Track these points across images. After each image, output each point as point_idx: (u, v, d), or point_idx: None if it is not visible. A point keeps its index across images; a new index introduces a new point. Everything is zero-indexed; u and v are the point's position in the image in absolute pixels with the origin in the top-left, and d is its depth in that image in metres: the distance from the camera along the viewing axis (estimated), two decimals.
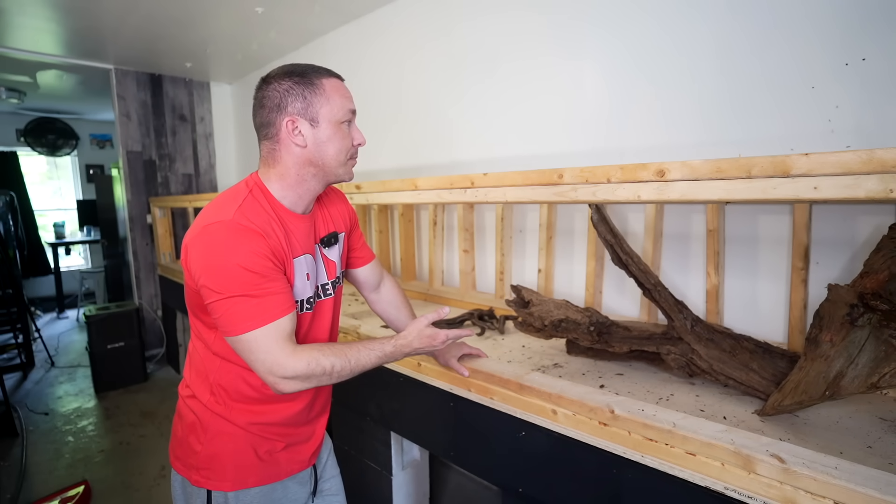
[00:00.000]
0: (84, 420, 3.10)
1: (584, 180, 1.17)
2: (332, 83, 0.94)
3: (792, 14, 1.31)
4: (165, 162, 4.03)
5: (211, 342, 0.96)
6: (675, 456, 0.88)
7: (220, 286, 0.82)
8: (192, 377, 1.02)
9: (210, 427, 0.98)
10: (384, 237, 2.55)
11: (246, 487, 0.99)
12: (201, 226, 0.86)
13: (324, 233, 1.05)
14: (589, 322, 1.26)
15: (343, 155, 0.96)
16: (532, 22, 1.92)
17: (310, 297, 0.99)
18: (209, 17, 2.76)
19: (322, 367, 0.86)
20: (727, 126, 1.45)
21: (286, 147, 0.93)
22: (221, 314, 0.83)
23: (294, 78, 0.92)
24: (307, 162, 0.94)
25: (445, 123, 2.33)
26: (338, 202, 1.15)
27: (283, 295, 0.87)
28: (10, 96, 4.41)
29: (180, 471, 1.01)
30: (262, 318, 0.83)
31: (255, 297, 0.83)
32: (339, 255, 1.11)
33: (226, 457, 0.98)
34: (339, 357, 0.88)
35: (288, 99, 0.91)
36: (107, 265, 5.24)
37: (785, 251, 1.36)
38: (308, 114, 0.92)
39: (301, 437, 1.06)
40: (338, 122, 0.94)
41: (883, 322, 0.86)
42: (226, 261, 0.82)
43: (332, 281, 1.07)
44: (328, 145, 0.94)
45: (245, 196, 0.90)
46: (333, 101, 0.93)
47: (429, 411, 1.40)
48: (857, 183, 0.79)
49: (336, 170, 0.97)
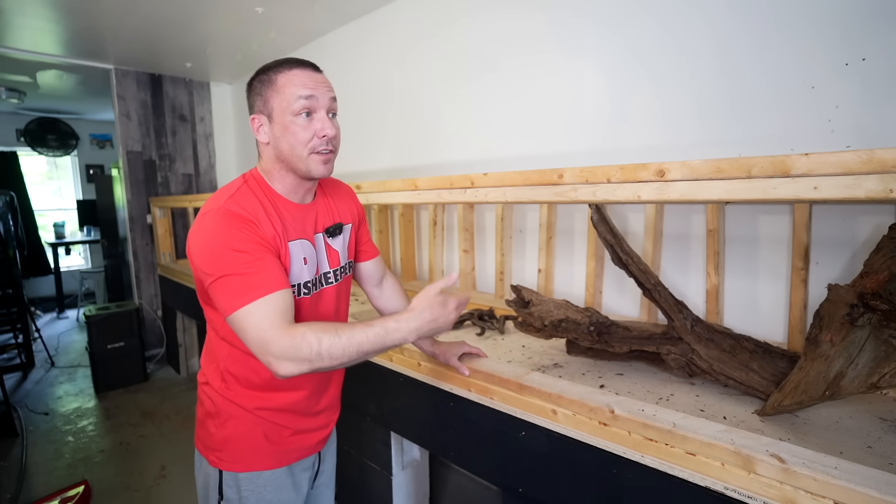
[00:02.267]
0: (84, 420, 3.10)
1: (584, 180, 1.17)
2: (287, 75, 0.91)
3: (792, 14, 1.31)
4: (165, 162, 4.03)
5: (219, 327, 0.99)
6: (675, 456, 0.88)
7: (213, 268, 0.85)
8: (206, 365, 1.06)
9: (223, 411, 1.02)
10: (384, 237, 2.55)
11: (256, 470, 1.02)
12: (199, 216, 0.90)
13: (329, 223, 1.06)
14: (589, 322, 1.26)
15: (300, 148, 0.91)
16: (532, 20, 1.92)
17: (307, 281, 0.99)
18: (209, 18, 2.76)
19: (309, 342, 0.79)
20: (727, 126, 1.45)
21: (260, 144, 0.97)
22: (216, 295, 0.85)
23: (259, 75, 0.94)
24: (274, 157, 0.95)
25: (445, 123, 2.33)
26: (345, 196, 1.16)
27: (272, 272, 0.86)
28: (10, 96, 4.41)
29: (201, 451, 1.07)
30: (251, 293, 0.83)
31: (244, 273, 0.84)
32: (345, 245, 1.11)
33: (238, 440, 1.01)
34: (328, 333, 0.81)
35: (252, 98, 0.95)
36: (107, 265, 5.24)
37: (785, 251, 1.36)
38: (266, 110, 0.93)
39: (309, 427, 1.08)
40: (291, 113, 0.90)
41: (883, 322, 0.86)
42: (216, 243, 0.85)
43: (335, 269, 1.08)
44: (282, 140, 0.92)
45: (239, 186, 0.94)
46: (284, 93, 0.90)
47: (429, 411, 1.40)
48: (857, 183, 0.79)
49: (297, 164, 0.93)
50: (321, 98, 0.93)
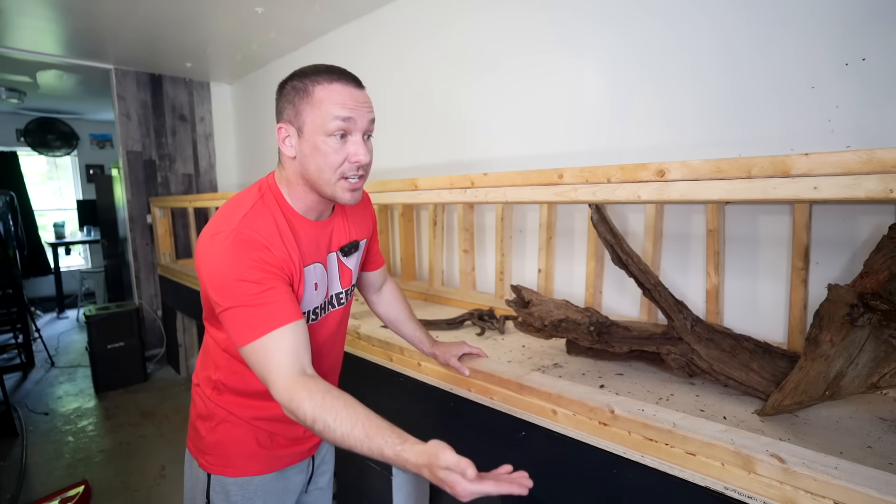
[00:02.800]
0: (84, 420, 3.10)
1: (584, 180, 1.17)
2: (327, 88, 0.82)
3: (792, 14, 1.31)
4: (165, 162, 4.03)
5: (220, 340, 0.98)
6: (675, 456, 0.88)
7: (223, 298, 0.80)
8: (201, 369, 1.04)
9: (215, 415, 1.00)
10: (384, 237, 2.55)
11: (248, 475, 1.01)
12: (209, 235, 0.83)
13: (344, 241, 1.01)
14: (589, 322, 1.26)
15: (329, 173, 0.84)
16: (532, 19, 1.92)
17: (315, 307, 0.96)
18: (209, 18, 2.76)
19: (304, 413, 0.73)
20: (728, 126, 1.45)
21: (284, 155, 0.88)
22: (227, 325, 0.82)
23: (294, 80, 0.85)
24: (299, 175, 0.87)
25: (444, 123, 2.33)
26: (362, 208, 1.09)
27: (284, 304, 0.81)
28: (10, 96, 4.41)
29: (192, 452, 1.05)
30: (261, 327, 0.78)
31: (254, 305, 0.79)
32: (358, 262, 1.08)
33: (229, 445, 1.00)
34: (328, 413, 0.71)
35: (283, 104, 0.86)
36: (107, 265, 5.24)
37: (785, 251, 1.36)
38: (297, 122, 0.84)
39: (303, 435, 1.07)
40: (324, 133, 0.82)
41: (883, 322, 0.86)
42: (226, 273, 0.80)
43: (346, 290, 1.05)
44: (310, 160, 0.84)
45: (255, 202, 0.86)
46: (320, 110, 0.81)
47: (429, 411, 1.40)
48: (857, 183, 0.79)
49: (323, 188, 0.86)
50: (360, 120, 0.84)
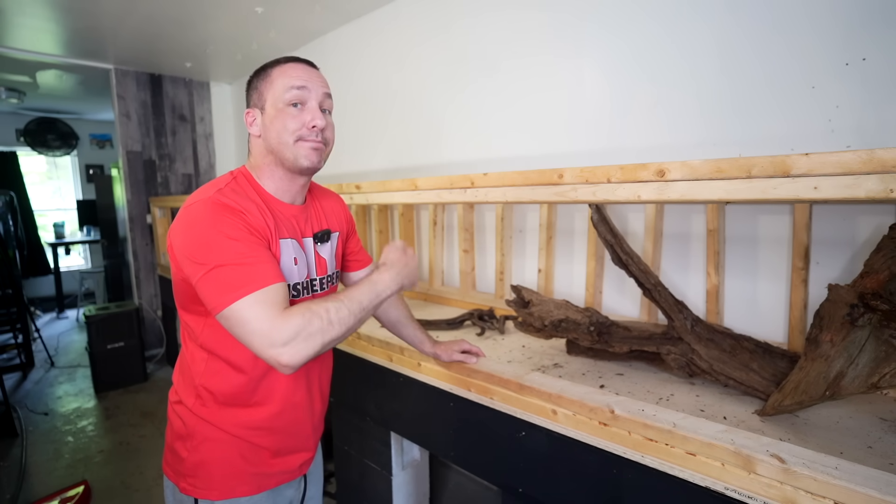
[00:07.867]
0: (84, 420, 3.10)
1: (584, 180, 1.17)
2: (282, 68, 0.93)
3: (792, 14, 1.31)
4: (165, 162, 4.03)
5: (199, 333, 0.92)
6: (675, 456, 0.88)
7: (204, 257, 0.79)
8: (179, 381, 1.00)
9: (196, 433, 0.95)
10: (384, 237, 2.55)
11: (234, 497, 0.95)
12: (185, 206, 0.86)
13: (317, 228, 1.03)
14: (589, 322, 1.26)
15: (286, 135, 0.90)
16: (532, 20, 1.92)
17: (297, 283, 0.95)
18: (209, 18, 2.76)
19: (317, 314, 0.78)
20: (728, 126, 1.45)
21: (252, 139, 0.97)
22: (208, 288, 0.79)
23: (256, 72, 0.97)
24: (265, 150, 0.94)
25: (444, 123, 2.33)
26: (334, 204, 1.13)
27: (269, 264, 0.81)
28: (10, 96, 4.41)
29: (171, 477, 0.99)
30: (249, 285, 0.77)
31: (240, 265, 0.78)
32: (332, 253, 1.08)
33: (213, 464, 0.94)
34: (329, 301, 0.82)
35: (250, 93, 0.97)
36: (107, 265, 5.24)
37: (785, 251, 1.36)
38: (259, 103, 0.94)
39: (291, 446, 1.02)
40: (283, 103, 0.91)
41: (883, 322, 0.86)
42: (208, 231, 0.80)
43: (322, 278, 1.04)
44: (270, 130, 0.92)
45: (228, 181, 0.92)
46: (276, 84, 0.92)
47: (429, 411, 1.40)
48: (857, 183, 0.79)
49: (283, 152, 0.91)
50: (313, 90, 0.93)
